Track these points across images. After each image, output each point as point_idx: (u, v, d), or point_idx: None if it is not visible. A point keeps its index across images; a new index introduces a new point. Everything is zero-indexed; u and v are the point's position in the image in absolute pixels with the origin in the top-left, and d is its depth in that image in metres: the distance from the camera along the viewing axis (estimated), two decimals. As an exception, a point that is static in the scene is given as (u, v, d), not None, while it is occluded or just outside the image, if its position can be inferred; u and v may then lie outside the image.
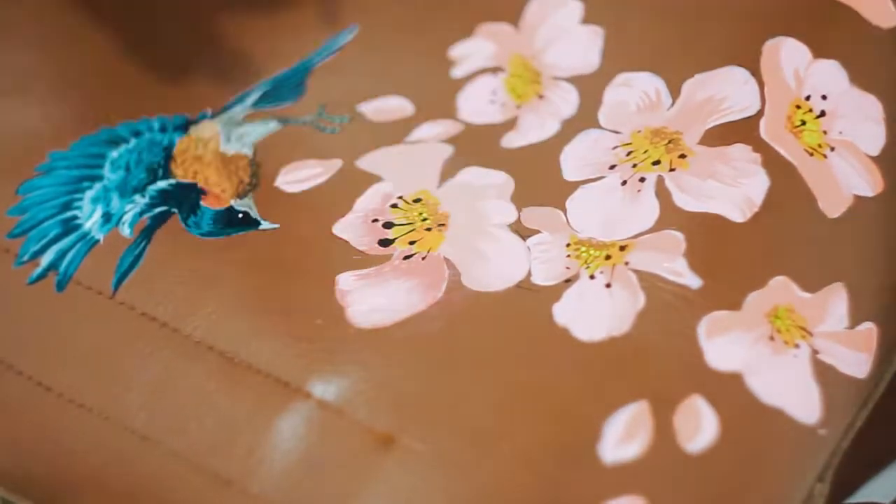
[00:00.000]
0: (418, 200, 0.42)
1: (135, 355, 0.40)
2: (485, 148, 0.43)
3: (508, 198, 0.42)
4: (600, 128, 0.42)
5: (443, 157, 0.43)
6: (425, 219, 0.42)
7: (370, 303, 0.40)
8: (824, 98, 0.42)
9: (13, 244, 0.43)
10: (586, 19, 0.45)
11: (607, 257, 0.39)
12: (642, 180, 0.41)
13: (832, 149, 0.41)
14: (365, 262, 0.41)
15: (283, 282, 0.41)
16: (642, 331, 0.38)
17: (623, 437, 0.37)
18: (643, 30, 0.44)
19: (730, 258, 0.39)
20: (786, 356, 0.38)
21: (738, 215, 0.40)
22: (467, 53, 0.46)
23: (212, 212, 0.42)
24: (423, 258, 0.41)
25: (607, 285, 0.39)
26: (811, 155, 0.41)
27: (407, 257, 0.41)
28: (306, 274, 0.41)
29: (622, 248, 0.40)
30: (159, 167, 0.44)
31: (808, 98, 0.42)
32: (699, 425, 0.37)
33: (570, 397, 0.37)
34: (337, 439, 0.38)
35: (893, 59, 0.42)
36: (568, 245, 0.40)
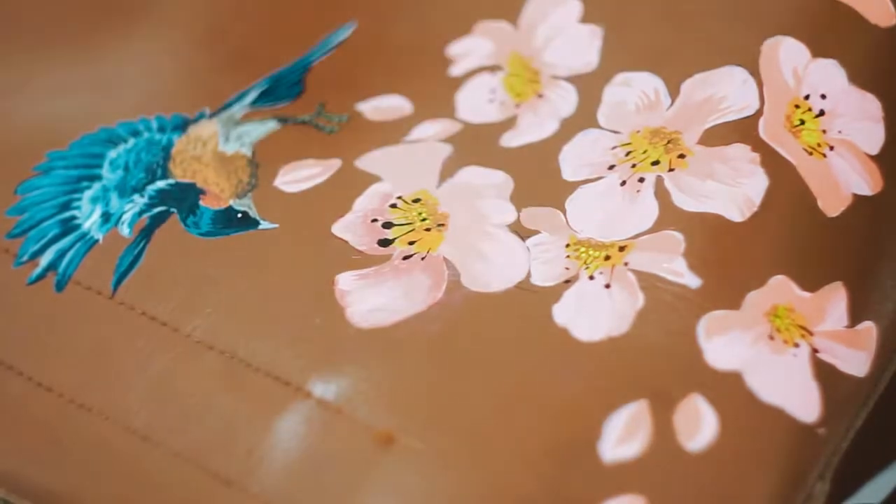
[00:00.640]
0: (417, 200, 0.42)
1: (134, 355, 0.40)
2: (484, 147, 0.43)
3: (508, 198, 0.42)
4: (599, 127, 0.42)
5: (442, 156, 0.43)
6: (425, 219, 0.42)
7: (370, 303, 0.40)
8: (823, 97, 0.42)
9: (12, 244, 0.42)
10: (585, 18, 0.44)
11: (606, 258, 0.39)
12: (641, 180, 0.41)
13: (831, 148, 0.41)
14: (364, 262, 0.41)
15: (282, 282, 0.41)
16: (642, 331, 0.38)
17: (623, 436, 0.37)
18: (642, 29, 0.44)
19: (729, 258, 0.39)
20: (785, 355, 0.38)
21: (737, 215, 0.39)
22: (465, 51, 0.45)
23: (211, 211, 0.42)
24: (423, 258, 0.41)
25: (607, 286, 0.39)
26: (810, 154, 0.41)
27: (406, 257, 0.41)
28: (306, 274, 0.41)
29: (621, 248, 0.39)
30: (158, 167, 0.44)
31: (807, 97, 0.42)
32: (699, 424, 0.37)
33: (569, 397, 0.37)
34: (337, 439, 0.38)
35: (893, 57, 0.42)
36: (567, 245, 0.40)
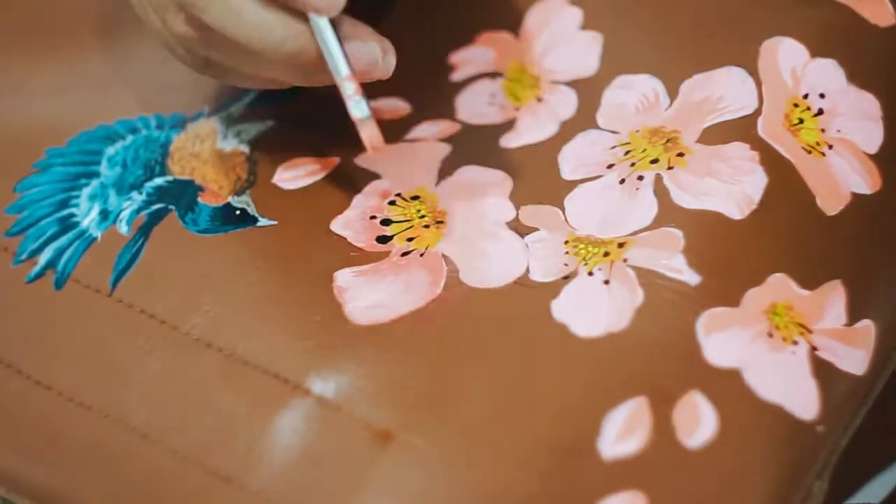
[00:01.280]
0: (416, 198, 0.42)
1: (133, 353, 0.40)
2: (483, 147, 0.43)
3: (507, 196, 0.42)
4: (598, 128, 0.43)
5: (441, 155, 0.43)
6: (423, 216, 0.42)
7: (368, 299, 0.40)
8: (822, 96, 0.42)
9: (11, 242, 0.42)
10: (585, 25, 0.45)
11: (606, 254, 0.39)
12: (640, 178, 0.41)
13: (830, 147, 0.41)
14: (363, 259, 0.41)
15: (281, 279, 0.41)
16: (641, 327, 0.38)
17: (622, 432, 0.37)
18: (641, 33, 0.44)
19: (728, 255, 0.39)
20: (784, 353, 0.38)
21: (736, 213, 0.40)
22: (467, 59, 0.46)
23: (209, 208, 0.42)
24: (422, 255, 0.41)
25: (606, 282, 0.39)
26: (809, 153, 0.41)
27: (405, 254, 0.41)
28: (304, 271, 0.41)
29: (620, 245, 0.39)
30: (156, 164, 0.43)
31: (805, 96, 0.42)
32: (698, 421, 0.37)
33: (569, 393, 0.37)
34: (336, 435, 0.37)
35: (891, 57, 0.42)
36: (566, 242, 0.40)
